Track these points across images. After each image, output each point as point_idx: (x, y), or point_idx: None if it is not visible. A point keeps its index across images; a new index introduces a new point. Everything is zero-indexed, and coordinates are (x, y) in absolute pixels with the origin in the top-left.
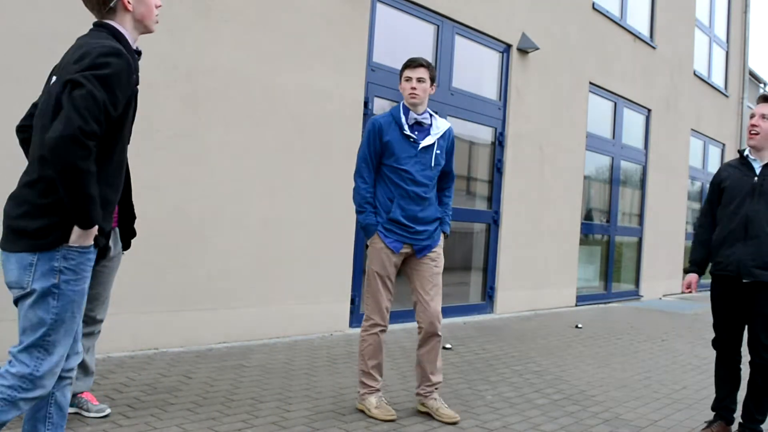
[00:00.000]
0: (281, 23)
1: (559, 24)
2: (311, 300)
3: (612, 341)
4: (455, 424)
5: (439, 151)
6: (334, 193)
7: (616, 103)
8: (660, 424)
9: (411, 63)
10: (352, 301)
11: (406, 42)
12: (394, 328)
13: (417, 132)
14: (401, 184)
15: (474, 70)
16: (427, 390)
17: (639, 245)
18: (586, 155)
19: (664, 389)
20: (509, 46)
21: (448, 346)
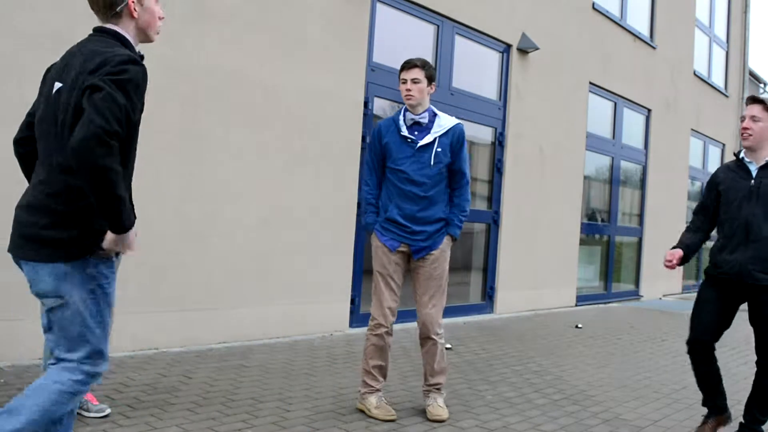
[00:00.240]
0: (281, 23)
1: (559, 24)
2: (311, 300)
3: (612, 341)
4: (441, 421)
5: (441, 149)
6: (334, 193)
7: (616, 103)
8: (660, 424)
9: (405, 65)
10: (352, 301)
11: (406, 42)
12: (394, 327)
13: (416, 132)
14: (398, 183)
15: (474, 70)
16: (426, 388)
17: (639, 245)
18: (586, 155)
19: (664, 389)
20: (509, 46)
21: (448, 346)
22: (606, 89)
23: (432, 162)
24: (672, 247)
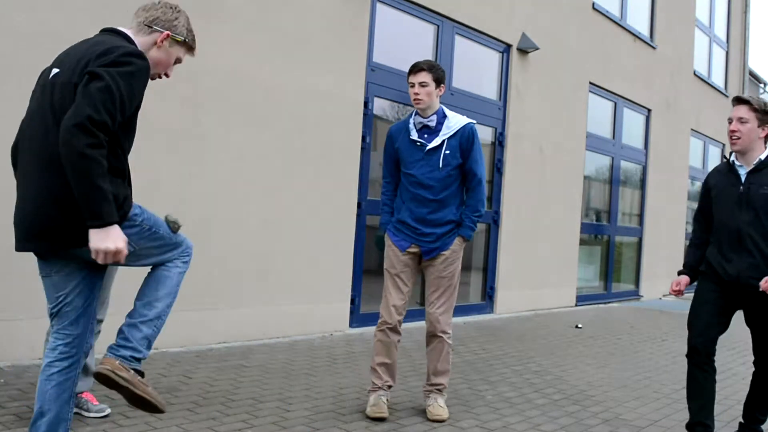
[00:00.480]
0: (281, 23)
1: (559, 24)
2: (311, 300)
3: (612, 341)
4: (441, 421)
5: (449, 152)
6: (334, 193)
7: (616, 103)
8: (660, 424)
9: (412, 68)
10: (352, 301)
11: (406, 42)
12: None
13: (426, 135)
14: (409, 187)
15: (474, 70)
16: (428, 388)
17: (639, 245)
18: (586, 155)
19: (664, 389)
20: (509, 46)
21: None
22: (606, 89)
23: (441, 165)
24: (678, 272)
